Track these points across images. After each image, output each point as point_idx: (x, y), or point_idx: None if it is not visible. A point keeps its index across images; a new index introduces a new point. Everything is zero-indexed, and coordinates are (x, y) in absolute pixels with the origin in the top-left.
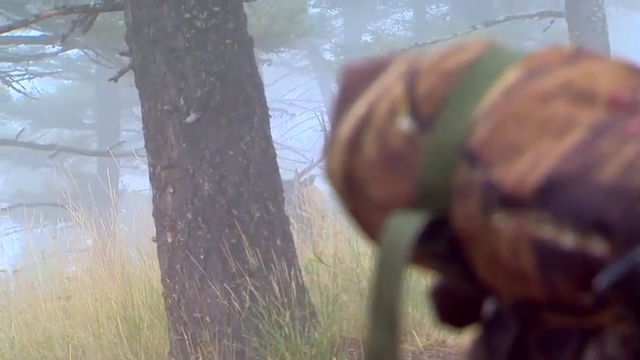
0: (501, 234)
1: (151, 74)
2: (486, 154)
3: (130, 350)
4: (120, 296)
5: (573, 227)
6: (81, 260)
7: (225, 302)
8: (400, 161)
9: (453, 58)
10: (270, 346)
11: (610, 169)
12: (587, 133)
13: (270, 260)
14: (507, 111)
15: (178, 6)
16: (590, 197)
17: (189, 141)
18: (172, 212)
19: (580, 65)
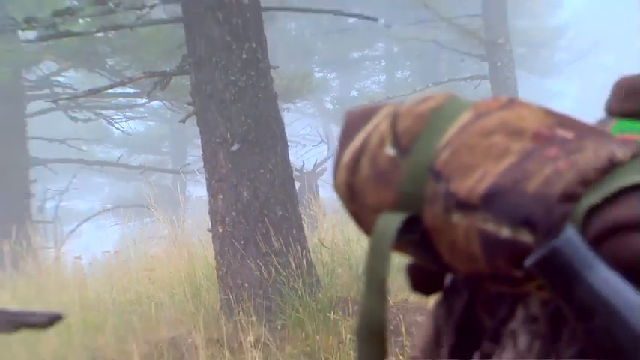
0: (458, 228)
1: (207, 118)
2: (447, 172)
3: (193, 306)
4: (186, 269)
5: (508, 224)
6: (160, 244)
7: (258, 273)
8: (386, 177)
9: (423, 105)
10: (288, 303)
11: (534, 182)
12: (517, 157)
13: (288, 244)
14: (462, 142)
15: (226, 71)
16: (520, 203)
17: (233, 163)
18: (222, 211)
19: (512, 110)
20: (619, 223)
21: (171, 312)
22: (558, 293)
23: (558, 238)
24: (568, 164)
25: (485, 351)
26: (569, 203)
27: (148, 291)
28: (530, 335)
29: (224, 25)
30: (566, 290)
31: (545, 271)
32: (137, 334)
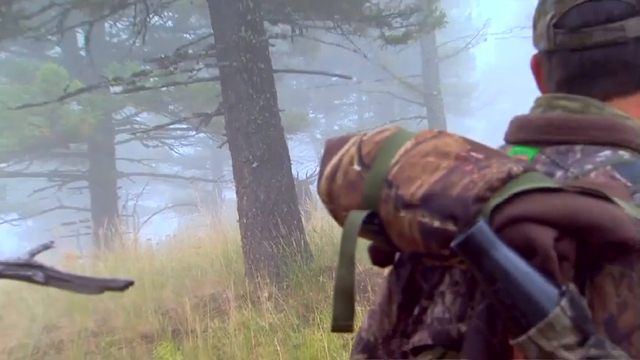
0: (404, 220)
1: (236, 145)
2: (396, 181)
3: (226, 272)
4: (222, 247)
5: (439, 217)
6: (204, 231)
7: (270, 250)
8: (354, 185)
9: (379, 135)
10: (290, 270)
11: (456, 189)
12: (445, 171)
13: (291, 231)
14: (406, 161)
15: (249, 113)
16: (447, 203)
17: (254, 175)
18: (246, 208)
19: (441, 139)
20: (513, 217)
21: (211, 276)
22: (473, 266)
23: (473, 227)
24: (479, 176)
25: (423, 306)
26: (480, 203)
27: (196, 262)
28: (454, 295)
29: (248, 82)
30: (478, 263)
31: (464, 251)
32: (188, 291)
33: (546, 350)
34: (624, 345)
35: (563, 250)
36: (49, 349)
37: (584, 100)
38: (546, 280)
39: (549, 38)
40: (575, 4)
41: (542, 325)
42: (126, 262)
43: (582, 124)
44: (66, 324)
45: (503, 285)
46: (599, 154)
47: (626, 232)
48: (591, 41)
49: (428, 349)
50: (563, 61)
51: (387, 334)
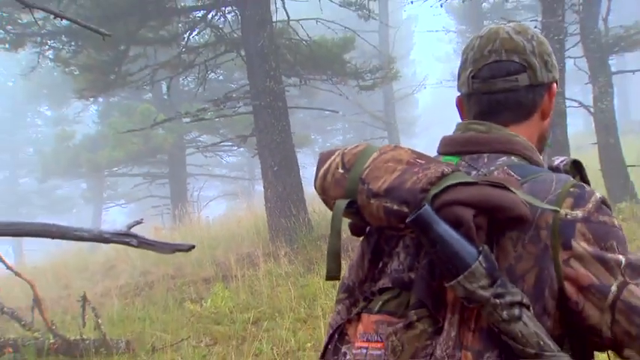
0: (373, 206)
1: (264, 155)
2: (367, 179)
3: (257, 238)
4: (254, 222)
5: (397, 203)
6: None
7: (285, 224)
8: (339, 182)
9: (355, 149)
10: (299, 237)
11: (408, 183)
12: (400, 172)
13: (299, 212)
14: (374, 165)
15: (272, 135)
16: (402, 193)
17: (275, 176)
18: (269, 197)
19: (396, 150)
20: (446, 201)
21: (247, 241)
22: (421, 235)
23: (421, 209)
24: (423, 175)
25: (385, 261)
26: (424, 193)
27: (237, 232)
28: (406, 254)
29: (271, 115)
30: (424, 233)
31: (415, 225)
32: (232, 250)
33: (469, 290)
34: (520, 283)
35: (478, 223)
36: (144, 286)
37: (489, 124)
38: (469, 244)
39: (469, 85)
40: (486, 63)
41: (467, 274)
42: (192, 232)
43: (487, 140)
44: (154, 271)
45: (441, 248)
46: (499, 160)
47: (520, 210)
48: (496, 88)
49: (389, 290)
50: (477, 101)
51: (361, 280)
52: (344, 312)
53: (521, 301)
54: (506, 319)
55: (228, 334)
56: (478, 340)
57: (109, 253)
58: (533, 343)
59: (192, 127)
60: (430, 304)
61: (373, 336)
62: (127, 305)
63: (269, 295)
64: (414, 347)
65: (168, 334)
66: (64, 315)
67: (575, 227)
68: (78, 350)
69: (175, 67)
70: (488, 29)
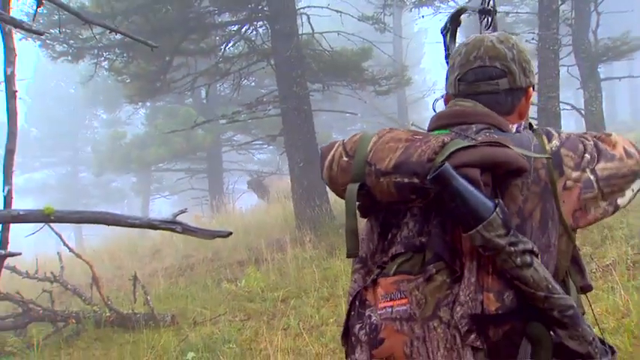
0: (383, 184)
1: (291, 153)
2: (373, 160)
3: (285, 225)
4: (282, 212)
5: (406, 176)
6: (272, 202)
7: (310, 213)
8: (346, 170)
9: (354, 137)
10: (321, 225)
11: (414, 157)
12: (404, 149)
13: (322, 203)
14: (376, 148)
15: (298, 135)
16: (410, 166)
17: (300, 171)
18: (296, 189)
19: (393, 131)
20: (454, 165)
21: (276, 228)
22: (442, 190)
23: (441, 167)
24: (426, 147)
25: (393, 233)
26: (431, 162)
27: (267, 220)
28: (414, 222)
29: (297, 117)
30: (445, 189)
31: (436, 182)
32: (263, 237)
33: (486, 238)
34: (529, 221)
35: (485, 180)
36: (186, 268)
37: (475, 102)
38: (485, 197)
39: (455, 87)
40: (471, 68)
41: (486, 223)
42: (228, 220)
43: (473, 113)
44: (195, 254)
45: (461, 201)
46: (483, 130)
47: (519, 162)
48: (479, 90)
49: (401, 255)
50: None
51: (372, 252)
52: (360, 280)
53: (532, 249)
54: (519, 265)
55: (260, 311)
56: (497, 281)
57: (156, 238)
58: (543, 286)
59: (228, 128)
60: (446, 256)
61: (396, 294)
62: (172, 284)
63: (296, 276)
64: (436, 298)
65: (208, 309)
66: (117, 292)
67: (560, 152)
68: (130, 323)
69: (213, 75)
70: (475, 37)
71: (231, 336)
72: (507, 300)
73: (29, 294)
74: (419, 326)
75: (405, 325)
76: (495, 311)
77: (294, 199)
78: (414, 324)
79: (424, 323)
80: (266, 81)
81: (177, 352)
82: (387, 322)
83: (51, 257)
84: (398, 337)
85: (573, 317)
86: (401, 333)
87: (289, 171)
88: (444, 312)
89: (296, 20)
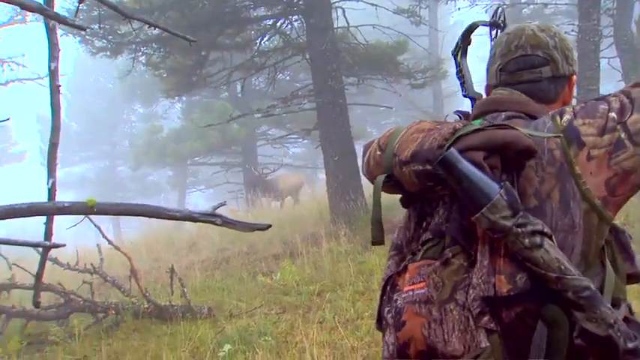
0: (405, 173)
1: (325, 147)
2: (398, 152)
3: (320, 220)
4: (317, 206)
5: (421, 163)
6: (306, 196)
7: (345, 207)
8: (379, 163)
9: (388, 132)
10: (356, 219)
11: (427, 144)
12: (421, 139)
13: (356, 196)
14: (402, 140)
15: (333, 129)
16: (423, 154)
17: (335, 165)
18: (331, 183)
19: (420, 123)
20: (459, 149)
21: (311, 222)
22: (447, 174)
23: (446, 152)
24: (438, 134)
25: (428, 221)
26: (441, 149)
27: (302, 214)
28: (444, 209)
29: (332, 111)
30: (451, 172)
31: (441, 166)
32: (298, 230)
33: (492, 220)
34: (547, 202)
35: (491, 163)
36: (222, 261)
37: (511, 90)
38: (491, 180)
39: (496, 77)
40: (513, 57)
41: (490, 206)
42: (263, 214)
43: (505, 100)
44: (231, 247)
45: (466, 184)
46: (513, 116)
47: (524, 142)
48: (522, 79)
49: (430, 241)
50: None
51: (408, 239)
52: (393, 266)
53: (542, 230)
54: (528, 247)
55: (295, 304)
56: (509, 264)
57: (192, 231)
58: (554, 267)
59: (263, 122)
60: (462, 240)
61: (417, 278)
62: (208, 277)
63: (331, 270)
64: (453, 281)
65: (244, 302)
66: (155, 284)
67: (573, 125)
68: (167, 314)
69: (248, 69)
70: (515, 27)
71: (266, 329)
72: (520, 282)
73: (70, 285)
74: (436, 309)
75: (423, 307)
76: (507, 293)
77: (328, 193)
78: (432, 306)
79: (441, 306)
80: (301, 75)
81: (214, 344)
82: (408, 305)
83: (90, 249)
84: (417, 319)
85: (589, 298)
86: (420, 315)
87: (324, 165)
88: (460, 295)
89: (331, 14)
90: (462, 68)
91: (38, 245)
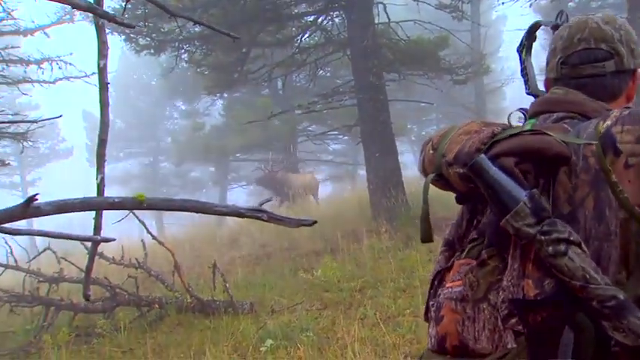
0: (451, 173)
1: (367, 144)
2: (445, 153)
3: (360, 216)
4: (358, 202)
5: (461, 166)
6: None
7: (386, 204)
8: (432, 161)
9: (442, 131)
10: (397, 216)
11: (466, 148)
12: (465, 141)
13: (397, 193)
14: (451, 141)
15: (375, 125)
16: (463, 157)
17: (376, 161)
18: (372, 179)
19: (469, 124)
20: (491, 155)
21: (352, 218)
22: (477, 179)
23: (477, 158)
24: (478, 138)
25: (479, 219)
26: (478, 152)
27: (342, 210)
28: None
29: (373, 107)
30: (480, 177)
31: (471, 172)
32: (338, 227)
33: (515, 227)
34: (581, 209)
35: (524, 168)
36: (263, 257)
37: (567, 89)
38: (518, 187)
39: (557, 71)
40: (575, 50)
41: (513, 213)
42: (303, 210)
43: (560, 101)
44: (271, 243)
45: (493, 191)
46: (563, 118)
47: (556, 148)
48: (584, 73)
49: (475, 240)
50: (565, 85)
51: (459, 236)
52: (443, 261)
53: (567, 238)
54: (552, 254)
55: (336, 300)
56: (537, 269)
57: (233, 227)
58: (578, 276)
59: (304, 118)
60: (497, 243)
61: (456, 276)
62: (249, 272)
63: (372, 266)
64: (488, 282)
65: (285, 298)
66: (197, 279)
67: (611, 132)
68: (210, 309)
69: (289, 65)
70: (578, 19)
71: (308, 324)
72: (547, 287)
73: (115, 279)
74: (470, 307)
75: (459, 304)
76: (534, 297)
77: (369, 189)
78: (466, 305)
79: (475, 305)
80: (342, 71)
81: (256, 339)
82: (447, 301)
83: (134, 244)
84: (453, 315)
85: (615, 308)
86: (455, 312)
87: (365, 161)
88: (494, 295)
89: (372, 10)
90: (526, 66)
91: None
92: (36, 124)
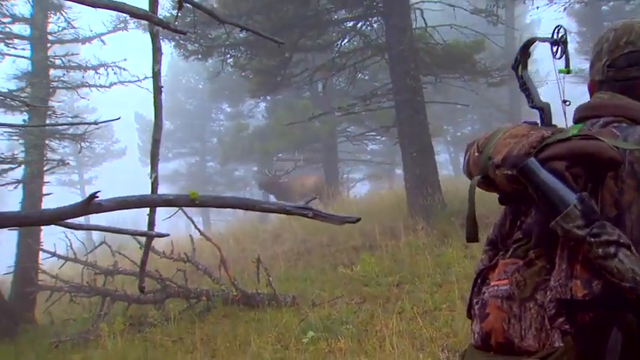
0: (498, 175)
1: (404, 144)
2: (492, 155)
3: (398, 214)
4: (395, 200)
5: (510, 168)
6: (384, 191)
7: (423, 202)
8: (477, 163)
9: (487, 133)
10: (433, 214)
11: (516, 150)
12: (513, 144)
13: (434, 191)
14: (497, 143)
15: (412, 125)
16: (512, 159)
17: (413, 160)
18: (409, 178)
19: (516, 127)
20: (542, 159)
21: (389, 216)
22: (527, 182)
23: (527, 161)
24: (527, 142)
25: (522, 220)
26: (528, 156)
27: (380, 208)
28: (536, 210)
29: (410, 108)
30: (530, 180)
31: (521, 174)
32: (377, 224)
33: (565, 229)
34: (627, 213)
35: (575, 172)
36: (304, 252)
37: (612, 93)
38: (568, 190)
39: (603, 73)
40: (622, 53)
41: (563, 215)
42: (343, 207)
43: (606, 105)
44: (312, 239)
45: (543, 193)
46: (611, 122)
47: (608, 153)
48: (630, 75)
49: (520, 240)
50: (610, 87)
51: (503, 236)
52: (486, 260)
53: (617, 240)
54: (601, 256)
55: (374, 294)
56: (586, 270)
57: (275, 223)
58: (628, 278)
59: (343, 120)
60: (545, 243)
61: (502, 275)
62: (291, 267)
63: (409, 262)
64: (535, 282)
65: (325, 292)
66: (242, 273)
67: None
68: (254, 302)
69: (329, 69)
70: (623, 23)
71: (348, 318)
72: (596, 288)
73: (165, 272)
74: (517, 305)
75: (505, 303)
76: (583, 297)
77: (406, 188)
78: (513, 303)
79: (521, 303)
80: (380, 74)
81: (298, 330)
82: (493, 299)
83: (183, 239)
84: (499, 313)
85: None
86: (501, 310)
87: (402, 161)
88: (540, 295)
89: (410, 15)
90: (524, 81)
91: (144, 234)
92: (95, 125)
